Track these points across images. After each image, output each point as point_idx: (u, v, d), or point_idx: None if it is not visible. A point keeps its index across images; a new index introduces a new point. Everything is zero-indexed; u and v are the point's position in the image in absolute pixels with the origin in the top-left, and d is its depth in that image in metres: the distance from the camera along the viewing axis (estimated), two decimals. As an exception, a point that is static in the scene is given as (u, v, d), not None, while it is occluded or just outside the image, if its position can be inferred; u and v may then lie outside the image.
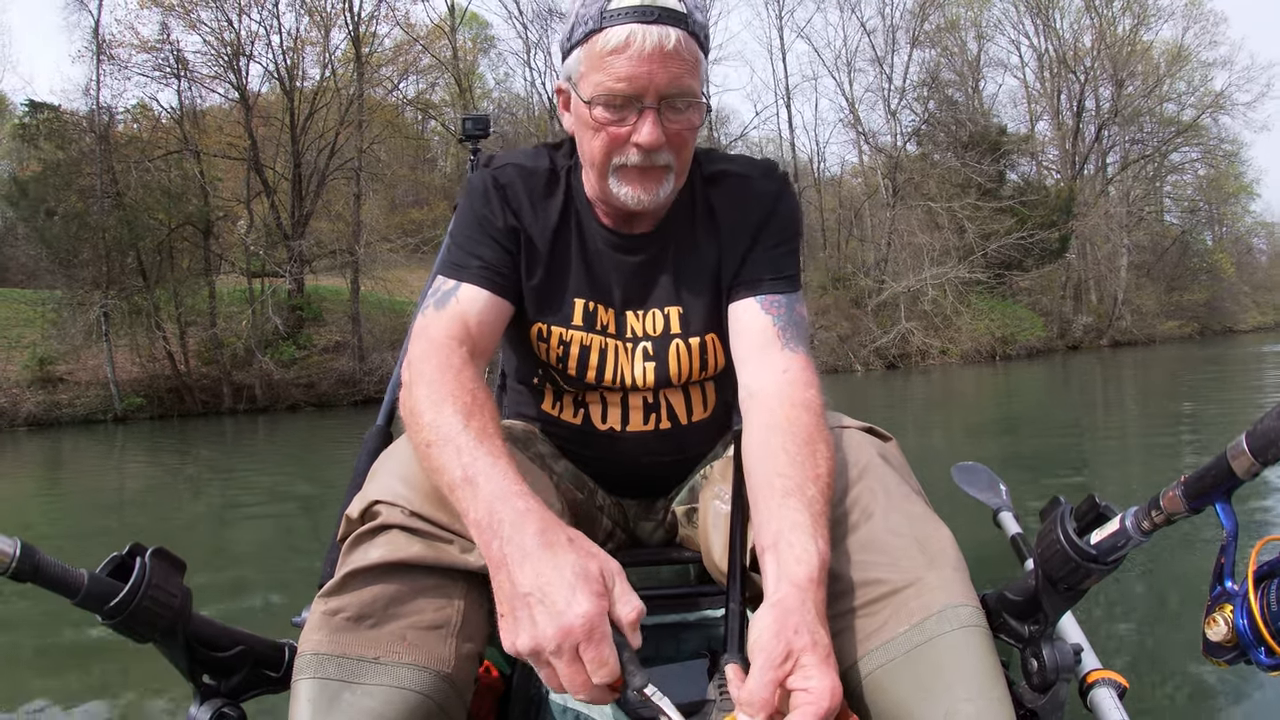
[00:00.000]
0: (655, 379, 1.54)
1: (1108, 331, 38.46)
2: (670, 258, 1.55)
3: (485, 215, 1.51)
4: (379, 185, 28.25)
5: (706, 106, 1.42)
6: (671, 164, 1.41)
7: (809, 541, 1.10)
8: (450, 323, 1.39)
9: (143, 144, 25.62)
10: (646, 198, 1.41)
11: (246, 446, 14.39)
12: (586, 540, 1.06)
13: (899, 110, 37.11)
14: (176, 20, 25.49)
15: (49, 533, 6.43)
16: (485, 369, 1.43)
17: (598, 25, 1.33)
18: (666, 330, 1.54)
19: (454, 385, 1.24)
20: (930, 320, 31.41)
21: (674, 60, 1.32)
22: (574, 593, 0.97)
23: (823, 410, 1.32)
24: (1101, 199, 40.57)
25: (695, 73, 1.36)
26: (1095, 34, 39.94)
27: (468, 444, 1.14)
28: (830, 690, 0.95)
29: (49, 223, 23.18)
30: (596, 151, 1.41)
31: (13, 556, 1.05)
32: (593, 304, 1.54)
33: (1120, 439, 8.39)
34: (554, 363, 1.56)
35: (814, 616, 1.02)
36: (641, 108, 1.34)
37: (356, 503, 1.22)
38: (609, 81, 1.33)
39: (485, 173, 1.56)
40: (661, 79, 1.32)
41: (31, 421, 20.79)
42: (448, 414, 1.19)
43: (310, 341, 25.10)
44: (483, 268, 1.47)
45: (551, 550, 1.01)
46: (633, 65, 1.31)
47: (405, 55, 29.97)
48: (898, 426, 11.30)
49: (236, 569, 4.71)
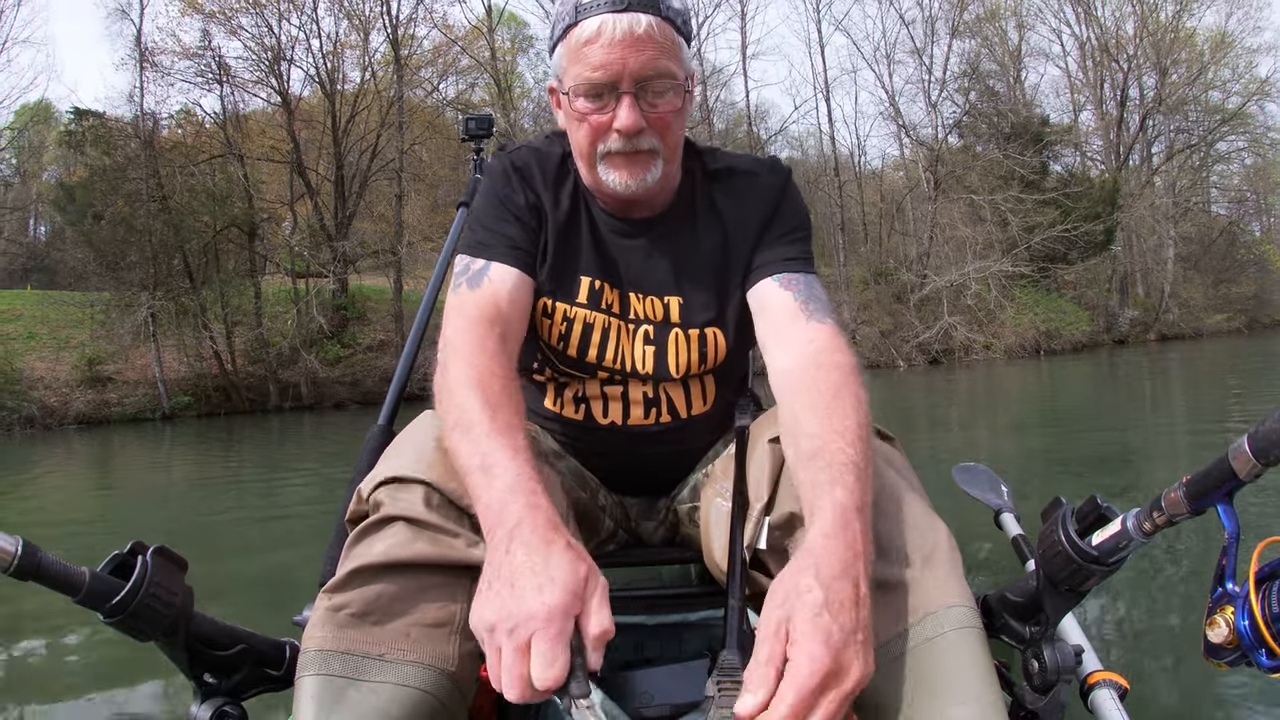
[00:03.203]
0: (655, 367, 1.55)
1: (1154, 325, 37.87)
2: (670, 247, 1.57)
3: (507, 194, 1.54)
4: (420, 185, 28.47)
5: (688, 89, 1.43)
6: (657, 148, 1.43)
7: (825, 498, 1.08)
8: (484, 302, 1.42)
9: (187, 148, 26.11)
10: (634, 183, 1.43)
11: (292, 443, 14.58)
12: (584, 551, 1.04)
13: (940, 102, 36.75)
14: (218, 27, 25.99)
15: (88, 524, 6.56)
16: (519, 347, 1.45)
17: (573, 20, 1.37)
18: (666, 318, 1.55)
19: (485, 372, 1.26)
20: (973, 315, 31.11)
21: (646, 44, 1.35)
22: (549, 584, 0.96)
23: (853, 368, 1.31)
24: (1147, 190, 39.93)
25: (671, 56, 1.38)
26: (1137, 21, 39.23)
27: (490, 433, 1.15)
28: (811, 658, 0.91)
29: (96, 227, 23.66)
30: (583, 142, 1.44)
31: (14, 555, 1.06)
32: (599, 282, 1.56)
33: (1169, 436, 8.27)
34: (555, 342, 1.56)
35: (816, 579, 0.98)
36: (618, 94, 1.37)
37: (370, 479, 1.22)
38: (585, 71, 1.36)
39: (503, 156, 1.60)
40: (634, 63, 1.35)
41: (81, 420, 21.25)
42: (476, 400, 1.20)
43: (354, 340, 25.42)
44: (511, 246, 1.50)
45: (547, 546, 1.01)
46: (605, 53, 1.34)
47: (444, 57, 30.22)
48: (940, 424, 11.24)
49: (284, 560, 4.76)
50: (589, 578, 0.99)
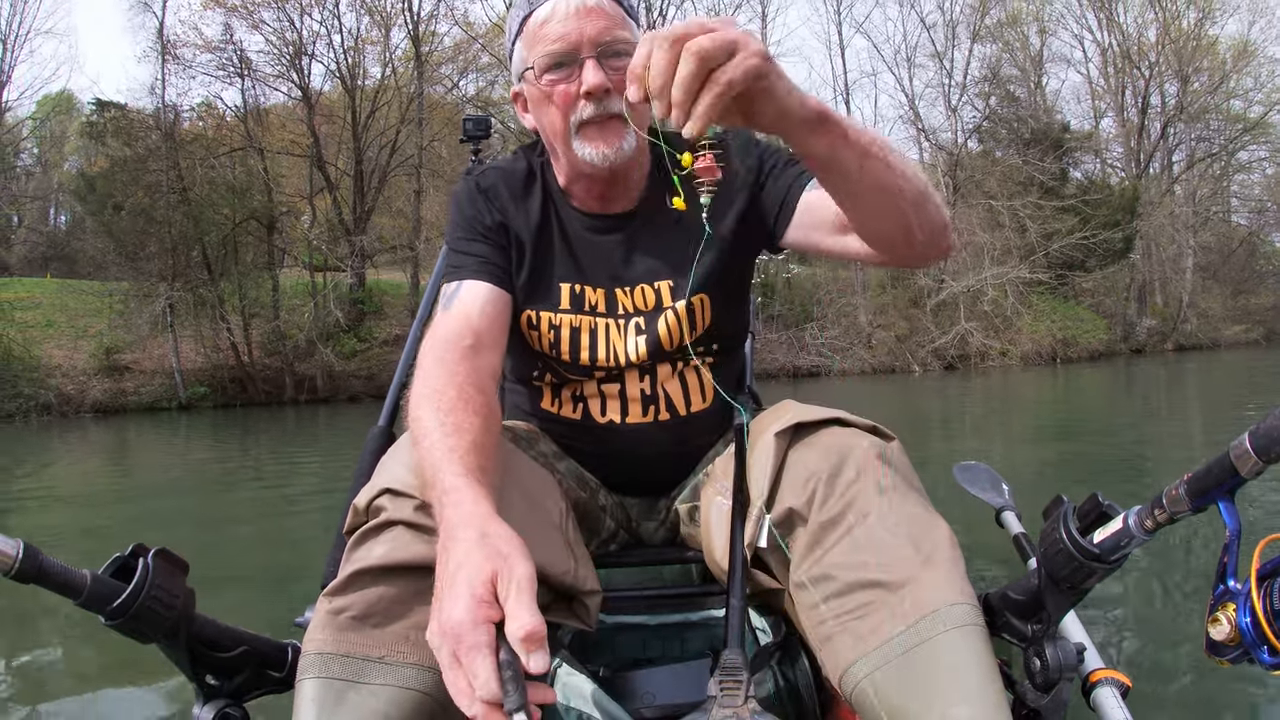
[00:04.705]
0: (647, 350, 1.55)
1: (1172, 335, 37.57)
2: (654, 234, 1.58)
3: (473, 216, 1.58)
4: (439, 182, 28.51)
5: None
6: (625, 113, 1.44)
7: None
8: (454, 321, 1.43)
9: (208, 141, 26.29)
10: (611, 151, 1.44)
11: (307, 435, 14.64)
12: (506, 540, 0.98)
13: (960, 107, 36.61)
14: (239, 21, 26.17)
15: (102, 513, 6.60)
16: (499, 357, 1.46)
17: (528, 10, 1.45)
18: (659, 304, 1.56)
19: (442, 381, 1.27)
20: (990, 321, 30.96)
21: (598, 14, 1.41)
22: (452, 596, 0.92)
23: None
24: (1167, 198, 39.63)
25: (624, 26, 1.44)
26: (1159, 28, 38.95)
27: (438, 441, 1.15)
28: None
29: (116, 217, 23.83)
30: (555, 119, 1.46)
31: (15, 558, 1.07)
32: (579, 286, 1.57)
33: (1185, 449, 8.21)
34: (547, 350, 1.58)
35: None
36: (580, 60, 1.41)
37: (365, 492, 1.22)
38: (545, 47, 1.42)
39: (469, 179, 1.65)
40: (591, 30, 1.40)
41: (98, 408, 21.42)
42: (428, 410, 1.21)
43: (371, 334, 25.55)
44: (481, 262, 1.53)
45: (461, 548, 0.97)
46: (562, 25, 1.40)
47: (464, 53, 30.26)
48: (953, 428, 11.20)
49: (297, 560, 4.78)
50: (499, 573, 0.94)
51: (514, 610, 0.91)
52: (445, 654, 0.91)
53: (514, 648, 0.89)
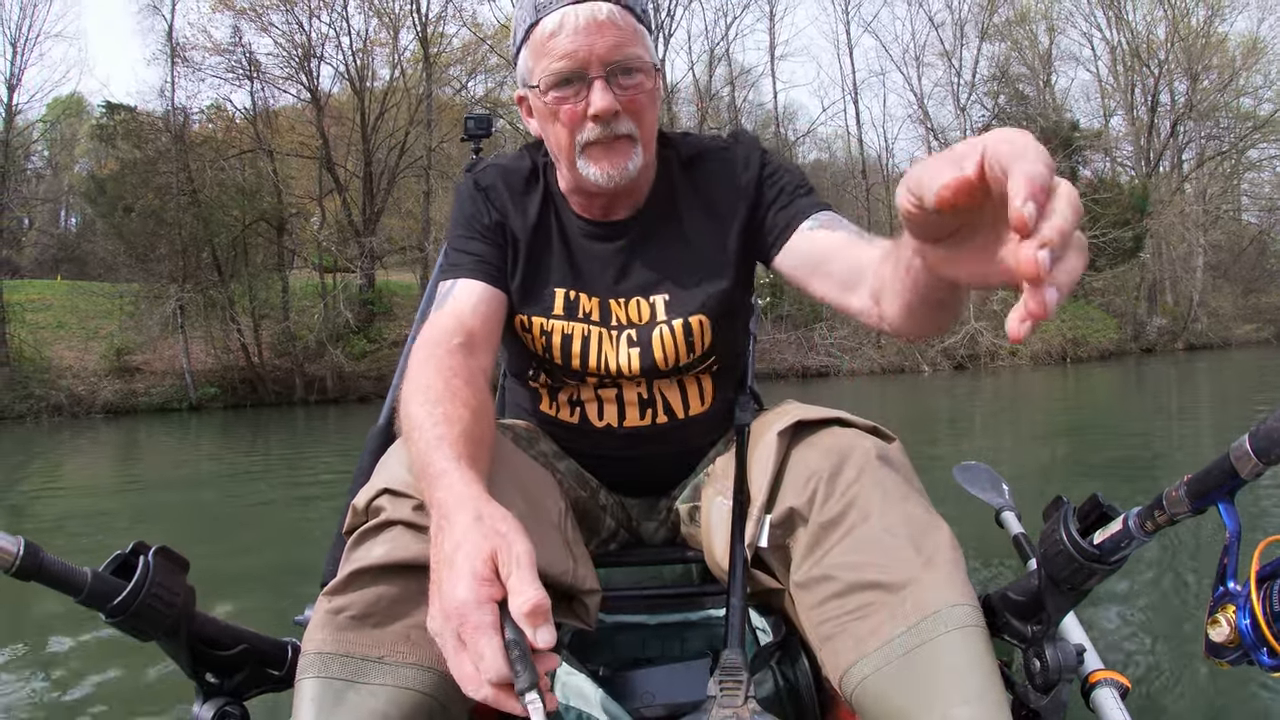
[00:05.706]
0: (641, 365, 1.53)
1: (1182, 334, 37.40)
2: (653, 244, 1.55)
3: (472, 214, 1.56)
4: (448, 183, 28.53)
5: (657, 67, 1.42)
6: (634, 133, 1.41)
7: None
8: (446, 319, 1.41)
9: (217, 143, 26.39)
10: (615, 173, 1.41)
11: (317, 435, 14.66)
12: (502, 519, 0.96)
13: (969, 105, 36.57)
14: (248, 24, 26.30)
15: (112, 507, 6.63)
16: (491, 356, 1.44)
17: (534, 19, 1.38)
18: (653, 317, 1.53)
19: (430, 376, 1.25)
20: (1000, 320, 30.77)
21: (609, 29, 1.35)
22: (452, 575, 0.91)
23: None
24: (1177, 197, 39.41)
25: (636, 41, 1.38)
26: (1169, 26, 38.74)
27: (428, 430, 1.14)
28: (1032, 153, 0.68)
29: (126, 219, 23.95)
30: (561, 136, 1.42)
31: (16, 555, 1.06)
32: (574, 292, 1.55)
33: (1194, 449, 8.18)
34: (540, 353, 1.56)
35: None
36: (589, 80, 1.36)
37: (364, 492, 1.22)
38: (552, 64, 1.36)
39: (469, 177, 1.63)
40: (600, 48, 1.34)
41: (109, 409, 21.54)
42: (418, 404, 1.20)
43: (380, 335, 25.60)
44: (477, 261, 1.51)
45: (457, 528, 0.96)
46: (570, 41, 1.34)
47: (473, 55, 30.33)
48: (962, 432, 11.18)
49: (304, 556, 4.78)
50: (499, 551, 0.92)
51: (517, 586, 0.89)
52: (449, 637, 0.90)
53: (519, 623, 0.88)
